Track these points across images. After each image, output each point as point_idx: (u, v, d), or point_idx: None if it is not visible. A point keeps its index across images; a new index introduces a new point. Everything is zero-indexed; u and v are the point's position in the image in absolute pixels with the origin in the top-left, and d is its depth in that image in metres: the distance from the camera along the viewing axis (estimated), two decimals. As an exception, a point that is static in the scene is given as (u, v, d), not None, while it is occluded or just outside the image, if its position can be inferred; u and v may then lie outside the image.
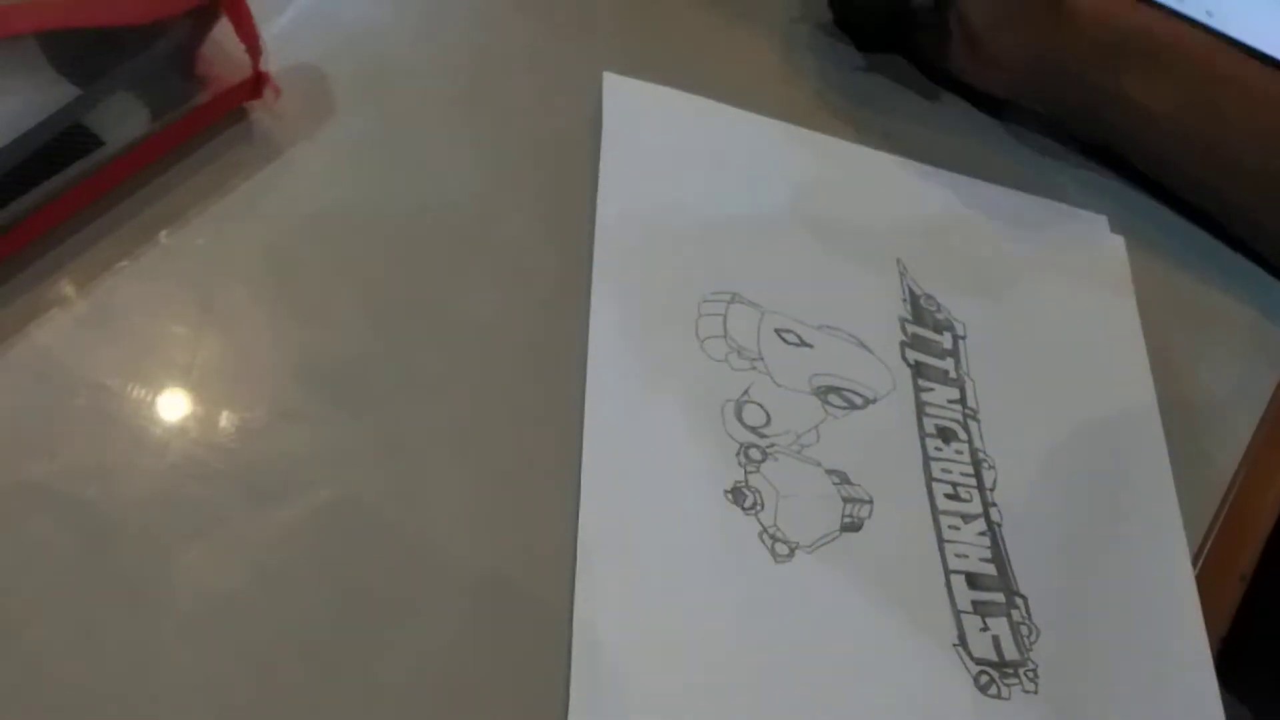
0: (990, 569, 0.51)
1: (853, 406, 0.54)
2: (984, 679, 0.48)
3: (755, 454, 0.51)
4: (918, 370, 0.57)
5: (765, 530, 0.49)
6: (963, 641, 0.49)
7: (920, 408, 0.55)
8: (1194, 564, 0.54)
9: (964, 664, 0.48)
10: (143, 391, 0.46)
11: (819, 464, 0.52)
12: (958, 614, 0.50)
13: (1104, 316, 0.62)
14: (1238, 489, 0.58)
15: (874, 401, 0.55)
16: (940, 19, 0.64)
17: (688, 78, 0.62)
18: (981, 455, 0.55)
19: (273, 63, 0.52)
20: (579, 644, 0.44)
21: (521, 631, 0.44)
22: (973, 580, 0.51)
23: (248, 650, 0.42)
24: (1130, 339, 0.61)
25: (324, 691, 0.42)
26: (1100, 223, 0.67)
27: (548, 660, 0.44)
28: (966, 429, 0.55)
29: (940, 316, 0.59)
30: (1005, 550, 0.52)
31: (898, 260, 0.60)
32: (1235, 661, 0.53)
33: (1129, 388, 0.59)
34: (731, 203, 0.58)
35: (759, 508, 0.50)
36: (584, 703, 0.43)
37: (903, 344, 0.57)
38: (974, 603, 0.50)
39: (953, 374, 0.57)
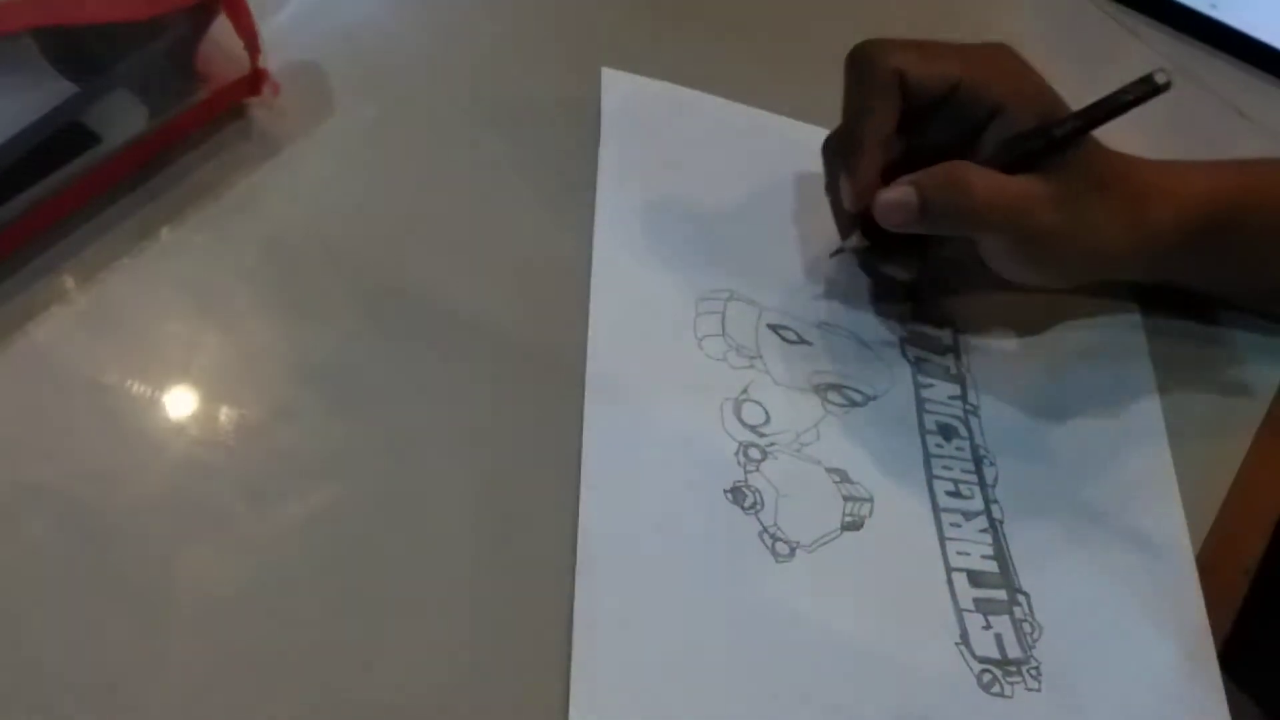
0: (992, 566, 0.51)
1: (852, 404, 0.54)
2: (987, 677, 0.48)
3: (755, 453, 0.51)
4: (918, 366, 0.56)
5: (765, 530, 0.49)
6: (965, 640, 0.49)
7: (920, 404, 0.55)
8: (1197, 559, 0.54)
9: (966, 662, 0.48)
10: (142, 390, 0.46)
11: (819, 462, 0.52)
12: (960, 612, 0.49)
13: (1105, 310, 0.61)
14: (1241, 483, 0.57)
15: (874, 399, 0.55)
16: None
17: (686, 73, 0.62)
18: (983, 451, 0.55)
19: (271, 59, 0.52)
20: (579, 643, 0.44)
21: (522, 631, 0.44)
22: (975, 578, 0.51)
23: (248, 649, 0.42)
24: (1132, 333, 0.61)
25: (324, 691, 0.42)
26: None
27: (548, 660, 0.44)
28: (967, 425, 0.55)
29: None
30: (1007, 547, 0.52)
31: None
32: (1239, 655, 0.53)
33: (1131, 381, 0.59)
34: (730, 199, 0.58)
35: (759, 507, 0.49)
36: (584, 702, 0.43)
37: (902, 340, 0.57)
38: (976, 600, 0.50)
39: (953, 370, 0.57)
